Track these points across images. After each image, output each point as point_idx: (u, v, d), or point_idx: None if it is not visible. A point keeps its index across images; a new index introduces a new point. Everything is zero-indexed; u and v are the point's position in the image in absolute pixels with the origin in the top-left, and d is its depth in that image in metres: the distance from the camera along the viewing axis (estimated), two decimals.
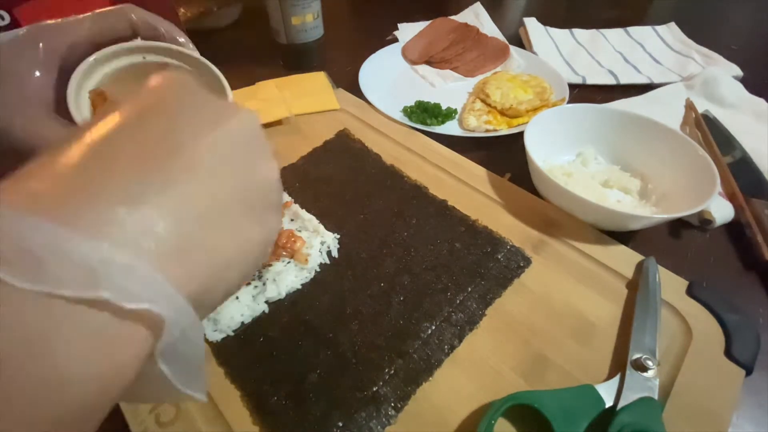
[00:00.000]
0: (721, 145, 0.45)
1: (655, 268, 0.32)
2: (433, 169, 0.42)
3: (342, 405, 0.26)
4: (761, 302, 0.34)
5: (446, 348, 0.29)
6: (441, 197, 0.38)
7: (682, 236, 0.39)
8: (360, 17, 0.80)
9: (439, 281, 0.32)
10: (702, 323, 0.30)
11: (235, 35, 0.70)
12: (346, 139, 0.45)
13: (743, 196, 0.40)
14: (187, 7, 0.66)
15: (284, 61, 0.63)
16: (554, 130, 0.43)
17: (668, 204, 0.38)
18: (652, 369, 0.26)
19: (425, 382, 0.27)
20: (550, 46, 0.66)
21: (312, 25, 0.60)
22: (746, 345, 0.28)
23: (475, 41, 0.64)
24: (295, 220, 0.36)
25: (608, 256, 0.34)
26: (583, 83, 0.59)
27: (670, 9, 0.81)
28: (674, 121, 0.51)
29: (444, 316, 0.30)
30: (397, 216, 0.37)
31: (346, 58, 0.62)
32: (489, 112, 0.50)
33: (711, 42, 0.65)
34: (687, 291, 0.32)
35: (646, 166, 0.41)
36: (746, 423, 0.27)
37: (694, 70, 0.59)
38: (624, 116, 0.42)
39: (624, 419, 0.24)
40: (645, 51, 0.66)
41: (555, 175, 0.40)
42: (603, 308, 0.31)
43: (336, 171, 0.41)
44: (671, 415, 0.25)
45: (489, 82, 0.53)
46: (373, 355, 0.28)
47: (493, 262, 0.33)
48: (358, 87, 0.54)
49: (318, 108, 0.49)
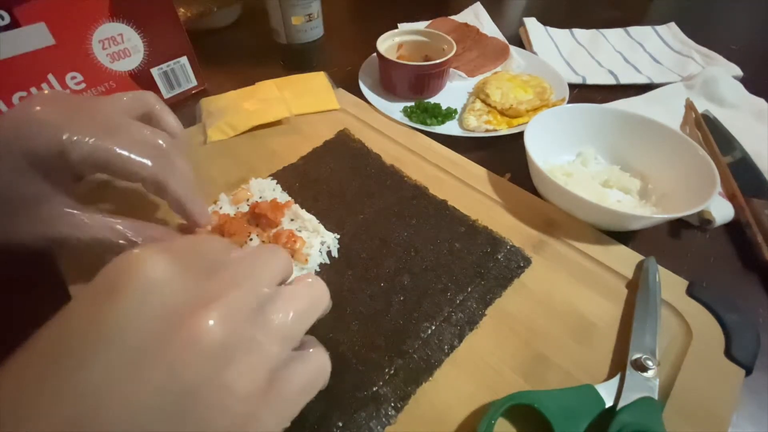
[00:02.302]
0: (721, 145, 0.45)
1: (655, 268, 0.32)
2: (433, 169, 0.42)
3: (342, 405, 0.26)
4: (761, 302, 0.34)
5: (446, 348, 0.29)
6: (441, 197, 0.38)
7: (682, 236, 0.39)
8: (360, 17, 0.80)
9: (439, 281, 0.32)
10: (702, 323, 0.30)
11: (235, 35, 0.70)
12: (346, 139, 0.45)
13: (743, 196, 0.40)
14: (187, 7, 0.66)
15: (284, 61, 0.63)
16: (554, 130, 0.43)
17: (668, 204, 0.38)
18: (652, 369, 0.26)
19: (425, 382, 0.27)
20: (550, 46, 0.66)
21: (312, 25, 0.60)
22: (746, 345, 0.28)
23: (475, 41, 0.64)
24: (295, 220, 0.36)
25: (608, 256, 0.34)
26: (583, 83, 0.59)
27: (670, 9, 0.81)
28: (674, 121, 0.51)
29: (444, 316, 0.30)
30: (397, 216, 0.37)
31: (346, 58, 0.62)
32: (489, 112, 0.50)
33: (711, 42, 0.65)
34: (687, 291, 0.32)
35: (646, 166, 0.41)
36: (746, 423, 0.27)
37: (694, 70, 0.59)
38: (624, 116, 0.42)
39: (624, 419, 0.24)
40: (645, 51, 0.66)
41: (555, 175, 0.40)
42: (603, 308, 0.31)
43: (336, 171, 0.41)
44: (671, 415, 0.25)
45: (489, 82, 0.53)
46: (373, 355, 0.28)
47: (493, 262, 0.33)
48: (358, 87, 0.54)
49: (318, 108, 0.49)
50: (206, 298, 0.15)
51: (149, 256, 0.15)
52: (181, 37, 0.50)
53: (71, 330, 0.14)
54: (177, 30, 0.49)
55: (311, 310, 0.18)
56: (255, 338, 0.16)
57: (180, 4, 0.64)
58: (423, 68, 0.51)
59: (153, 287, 0.15)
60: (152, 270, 0.15)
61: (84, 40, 0.42)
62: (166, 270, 0.15)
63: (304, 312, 0.18)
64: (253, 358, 0.15)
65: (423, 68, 0.51)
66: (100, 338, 0.14)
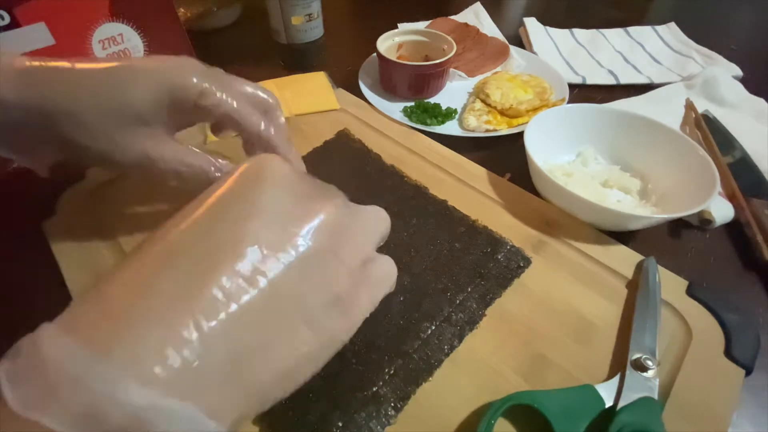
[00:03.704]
0: (721, 145, 0.45)
1: (655, 268, 0.32)
2: (433, 169, 0.42)
3: (342, 405, 0.26)
4: (761, 302, 0.34)
5: (446, 348, 0.29)
6: (441, 197, 0.38)
7: (682, 236, 0.39)
8: (360, 17, 0.80)
9: (438, 281, 0.32)
10: (702, 323, 0.30)
11: (235, 35, 0.70)
12: (346, 139, 0.45)
13: (743, 196, 0.40)
14: (187, 7, 0.66)
15: (284, 61, 0.63)
16: (554, 130, 0.43)
17: (668, 204, 0.38)
18: (652, 369, 0.26)
19: (425, 382, 0.27)
20: (550, 46, 0.66)
21: (312, 25, 0.60)
22: (746, 345, 0.28)
23: (475, 41, 0.64)
24: None
25: (608, 256, 0.34)
26: (583, 83, 0.59)
27: (670, 9, 0.81)
28: (674, 121, 0.51)
29: (444, 316, 0.30)
30: (397, 216, 0.37)
31: (346, 58, 0.62)
32: (489, 112, 0.50)
33: (711, 42, 0.65)
34: (687, 291, 0.32)
35: (646, 166, 0.41)
36: (746, 423, 0.27)
37: (694, 70, 0.59)
38: (624, 116, 0.42)
39: (624, 419, 0.24)
40: (645, 51, 0.66)
41: (555, 175, 0.40)
42: (603, 308, 0.31)
43: (336, 171, 0.41)
44: (671, 415, 0.25)
45: (489, 82, 0.53)
46: (373, 355, 0.28)
47: (493, 262, 0.33)
48: (358, 87, 0.54)
49: (318, 108, 0.49)
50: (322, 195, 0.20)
51: (280, 159, 0.20)
52: (181, 37, 0.50)
53: (233, 199, 0.18)
54: (177, 30, 0.49)
55: (383, 231, 0.23)
56: (356, 232, 0.20)
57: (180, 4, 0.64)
58: (423, 68, 0.51)
59: (285, 177, 0.19)
60: (283, 166, 0.20)
61: (84, 40, 0.42)
62: (291, 169, 0.20)
63: (378, 229, 0.23)
64: (354, 244, 0.20)
65: (423, 68, 0.51)
66: (256, 204, 0.18)
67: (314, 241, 0.18)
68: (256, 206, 0.18)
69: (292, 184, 0.19)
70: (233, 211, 0.17)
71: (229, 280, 0.15)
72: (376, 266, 0.21)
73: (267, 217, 0.17)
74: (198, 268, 0.15)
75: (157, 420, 0.13)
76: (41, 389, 0.12)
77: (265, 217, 0.17)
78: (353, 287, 0.19)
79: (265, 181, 0.18)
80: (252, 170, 0.19)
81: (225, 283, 0.15)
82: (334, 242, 0.19)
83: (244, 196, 0.18)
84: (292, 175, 0.20)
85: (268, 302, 0.16)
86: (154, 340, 0.14)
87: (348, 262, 0.19)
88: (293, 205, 0.18)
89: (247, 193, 0.18)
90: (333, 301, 0.18)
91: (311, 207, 0.19)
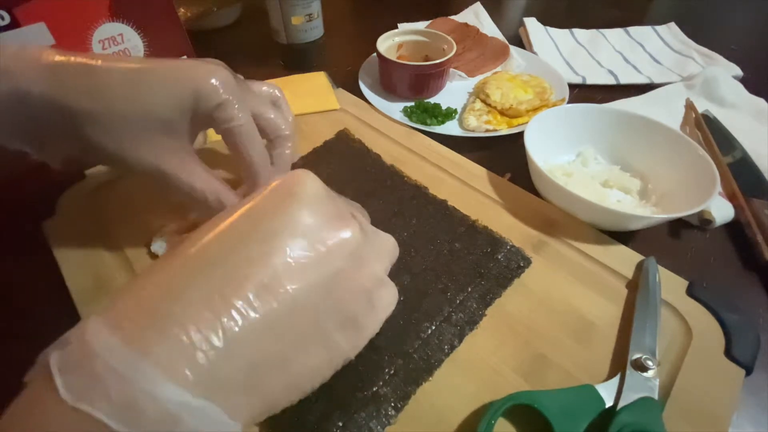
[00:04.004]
0: (721, 145, 0.45)
1: (655, 268, 0.32)
2: (433, 169, 0.42)
3: (342, 405, 0.26)
4: (761, 302, 0.34)
5: (446, 348, 0.29)
6: (441, 197, 0.38)
7: (682, 236, 0.39)
8: (360, 17, 0.80)
9: (439, 281, 0.32)
10: (702, 323, 0.30)
11: (235, 35, 0.70)
12: (346, 139, 0.45)
13: (743, 196, 0.40)
14: (187, 7, 0.66)
15: (284, 61, 0.63)
16: (554, 130, 0.43)
17: (668, 204, 0.38)
18: (652, 369, 0.26)
19: (425, 382, 0.27)
20: (550, 46, 0.66)
21: (312, 25, 0.60)
22: (746, 345, 0.28)
23: (475, 41, 0.64)
24: None
25: (608, 256, 0.34)
26: (583, 83, 0.59)
27: (670, 9, 0.81)
28: (674, 121, 0.51)
29: (444, 316, 0.30)
30: (397, 216, 0.37)
31: (346, 58, 0.62)
32: (489, 112, 0.50)
33: (711, 42, 0.65)
34: (687, 291, 0.32)
35: (646, 166, 0.41)
36: (746, 423, 0.27)
37: (694, 70, 0.59)
38: (624, 116, 0.42)
39: (624, 419, 0.24)
40: (645, 51, 0.66)
41: (555, 175, 0.40)
42: (603, 308, 0.31)
43: (336, 171, 0.41)
44: (671, 415, 0.25)
45: (489, 82, 0.53)
46: (373, 355, 0.28)
47: (493, 262, 0.33)
48: (358, 87, 0.54)
49: (318, 108, 0.49)
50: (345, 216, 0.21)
51: (313, 177, 0.21)
52: (181, 37, 0.50)
53: (264, 215, 0.19)
54: (177, 30, 0.49)
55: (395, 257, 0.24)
56: (374, 255, 0.21)
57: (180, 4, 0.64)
58: (423, 68, 0.51)
59: (316, 196, 0.20)
60: (316, 184, 0.20)
61: (84, 40, 0.42)
62: (322, 188, 0.21)
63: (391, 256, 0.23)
64: (371, 267, 0.21)
65: (423, 68, 0.51)
66: (287, 221, 0.19)
67: (338, 261, 0.19)
68: (286, 223, 0.18)
69: (321, 203, 0.20)
70: (264, 226, 0.18)
71: (256, 292, 0.16)
72: (386, 291, 0.22)
73: (296, 234, 0.18)
74: (228, 279, 0.17)
75: (188, 417, 0.14)
76: (89, 381, 0.14)
77: (294, 235, 0.18)
78: (367, 309, 0.20)
79: (297, 199, 0.19)
80: (285, 187, 0.20)
81: (252, 296, 0.16)
82: (355, 263, 0.20)
83: (276, 212, 0.19)
84: (323, 193, 0.20)
85: (290, 316, 0.17)
86: (188, 345, 0.15)
87: (365, 284, 0.20)
88: (322, 224, 0.19)
89: (278, 209, 0.19)
90: (348, 320, 0.19)
91: (338, 227, 0.20)
